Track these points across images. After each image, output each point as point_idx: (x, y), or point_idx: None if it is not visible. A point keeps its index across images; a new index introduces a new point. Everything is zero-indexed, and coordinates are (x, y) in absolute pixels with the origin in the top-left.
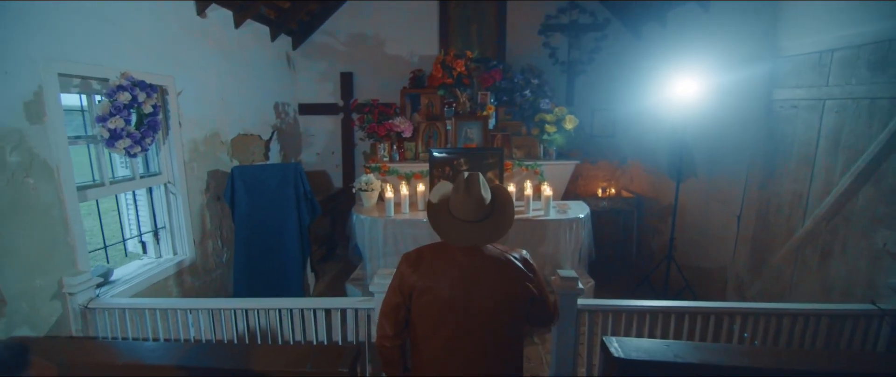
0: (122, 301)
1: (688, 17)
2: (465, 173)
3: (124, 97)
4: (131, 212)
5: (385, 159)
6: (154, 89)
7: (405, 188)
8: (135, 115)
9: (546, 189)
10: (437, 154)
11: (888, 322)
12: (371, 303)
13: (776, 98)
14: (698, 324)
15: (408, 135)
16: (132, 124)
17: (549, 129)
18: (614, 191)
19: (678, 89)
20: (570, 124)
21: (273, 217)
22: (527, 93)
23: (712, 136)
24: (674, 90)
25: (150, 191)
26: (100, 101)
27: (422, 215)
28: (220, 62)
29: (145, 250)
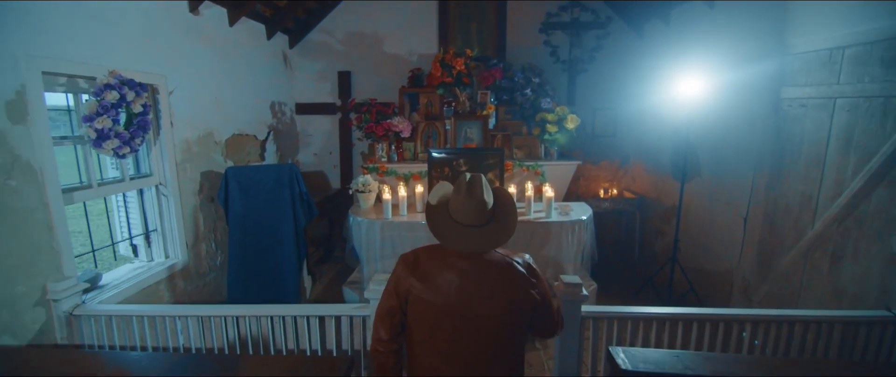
0: (108, 308)
1: (692, 14)
2: (467, 174)
3: (112, 96)
4: (122, 215)
5: (383, 160)
6: (144, 88)
7: (403, 189)
8: (124, 115)
9: (548, 190)
10: (436, 154)
11: None
12: (366, 310)
13: (784, 96)
14: (707, 331)
15: (406, 135)
16: (121, 124)
17: (551, 128)
18: (616, 191)
19: (682, 88)
20: (571, 124)
21: (268, 219)
22: (527, 92)
23: (717, 136)
24: (677, 89)
25: (141, 192)
26: (87, 101)
27: (420, 217)
28: (214, 61)
29: (137, 254)
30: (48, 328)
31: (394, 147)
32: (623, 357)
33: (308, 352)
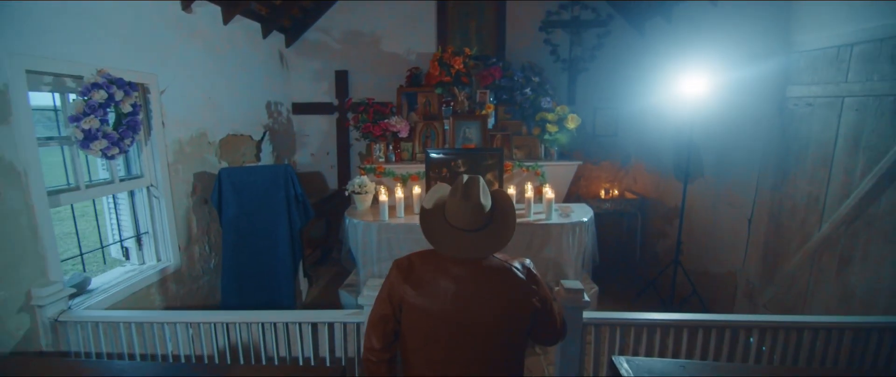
0: (94, 314)
1: (694, 12)
2: (465, 176)
3: (99, 95)
4: (115, 217)
5: (380, 160)
6: (133, 87)
7: (401, 191)
8: (113, 115)
9: (548, 191)
10: (434, 155)
11: None
12: (360, 316)
13: (790, 95)
14: (713, 338)
15: (404, 135)
16: (110, 125)
17: (551, 128)
18: (617, 192)
19: (685, 87)
20: (572, 123)
21: (263, 220)
22: (527, 91)
23: (720, 136)
24: (679, 88)
25: (133, 194)
26: (73, 100)
27: (418, 219)
28: (207, 60)
29: (128, 256)
30: (32, 335)
31: (391, 147)
32: (627, 367)
33: (300, 360)
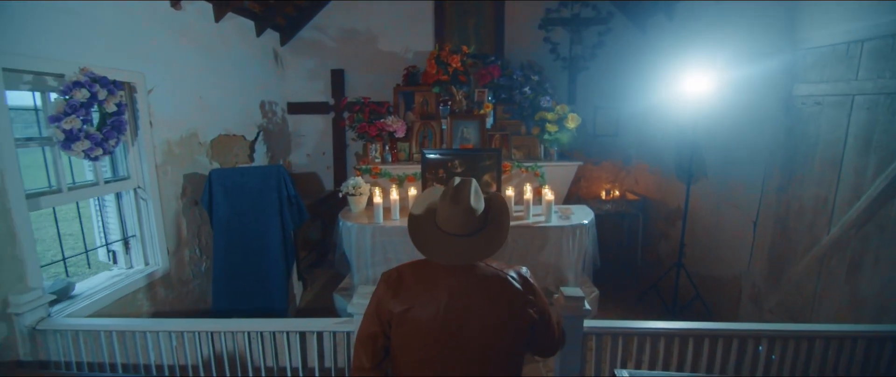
0: (74, 322)
1: (697, 9)
2: (456, 179)
3: (81, 95)
4: (101, 220)
5: (377, 161)
6: (118, 86)
7: (396, 192)
8: (97, 115)
9: (547, 193)
10: (430, 155)
11: None
12: (350, 326)
13: (797, 94)
14: (719, 347)
15: (401, 135)
16: (93, 125)
17: (550, 128)
18: (618, 193)
19: (687, 85)
20: (572, 123)
21: (254, 223)
22: (526, 90)
23: (724, 135)
24: (682, 86)
25: (119, 196)
26: (54, 100)
27: None
28: (198, 58)
29: (116, 261)
30: (10, 344)
31: (388, 147)
32: None
33: (289, 370)
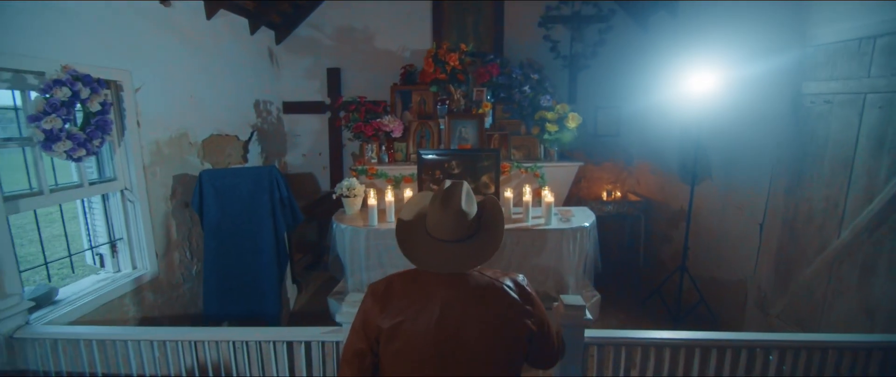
0: (53, 330)
1: (701, 5)
2: (446, 182)
3: (62, 93)
4: (88, 223)
5: (373, 161)
6: (101, 84)
7: (391, 194)
8: (81, 114)
9: (547, 195)
10: (427, 156)
11: None
12: (339, 335)
13: (805, 92)
14: (728, 359)
15: (397, 134)
16: (77, 124)
17: (551, 127)
18: (620, 194)
19: (692, 84)
20: (572, 122)
21: (246, 225)
22: (526, 89)
23: (730, 135)
24: (686, 85)
25: (107, 198)
26: (34, 99)
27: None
28: (188, 56)
29: (103, 264)
30: None
31: (384, 148)
32: None
33: None
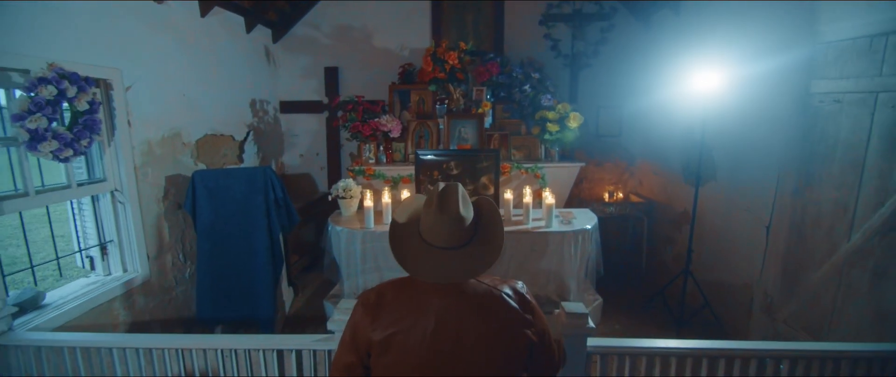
0: (37, 336)
1: (705, 3)
2: (440, 184)
3: (48, 92)
4: (83, 224)
5: (371, 161)
6: (89, 83)
7: (388, 195)
8: (69, 113)
9: (548, 196)
10: (425, 156)
11: None
12: (331, 343)
13: (814, 91)
14: (737, 368)
15: (396, 134)
16: (64, 124)
17: (552, 127)
18: (622, 195)
19: (695, 83)
20: (574, 122)
21: (240, 227)
22: (526, 88)
23: (735, 135)
24: (690, 84)
25: (97, 199)
26: (18, 97)
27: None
28: (182, 54)
29: (94, 267)
30: None
31: (382, 148)
32: None
33: None
